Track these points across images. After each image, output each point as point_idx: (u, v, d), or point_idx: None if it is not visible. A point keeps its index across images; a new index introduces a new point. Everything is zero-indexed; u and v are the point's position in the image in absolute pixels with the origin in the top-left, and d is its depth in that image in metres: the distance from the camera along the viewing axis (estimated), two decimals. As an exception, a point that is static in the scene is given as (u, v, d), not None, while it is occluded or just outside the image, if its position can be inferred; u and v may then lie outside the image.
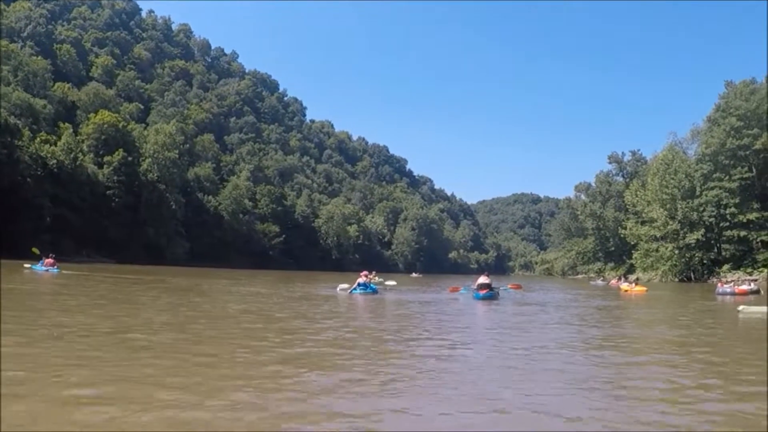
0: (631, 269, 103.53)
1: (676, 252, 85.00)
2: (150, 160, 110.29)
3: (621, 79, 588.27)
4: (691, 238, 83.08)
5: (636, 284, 50.88)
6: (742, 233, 79.60)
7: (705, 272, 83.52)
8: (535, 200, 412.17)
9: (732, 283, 44.88)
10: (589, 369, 10.16)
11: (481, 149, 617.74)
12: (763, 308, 21.43)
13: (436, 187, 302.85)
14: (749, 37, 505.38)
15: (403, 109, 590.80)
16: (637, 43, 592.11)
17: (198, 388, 7.59)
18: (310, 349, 11.76)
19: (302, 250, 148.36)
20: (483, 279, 30.12)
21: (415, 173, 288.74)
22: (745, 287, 41.46)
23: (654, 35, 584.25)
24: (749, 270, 74.54)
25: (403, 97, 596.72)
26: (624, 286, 50.63)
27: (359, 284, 31.66)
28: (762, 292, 40.13)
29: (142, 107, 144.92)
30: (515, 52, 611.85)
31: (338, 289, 34.19)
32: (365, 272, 33.92)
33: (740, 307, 21.50)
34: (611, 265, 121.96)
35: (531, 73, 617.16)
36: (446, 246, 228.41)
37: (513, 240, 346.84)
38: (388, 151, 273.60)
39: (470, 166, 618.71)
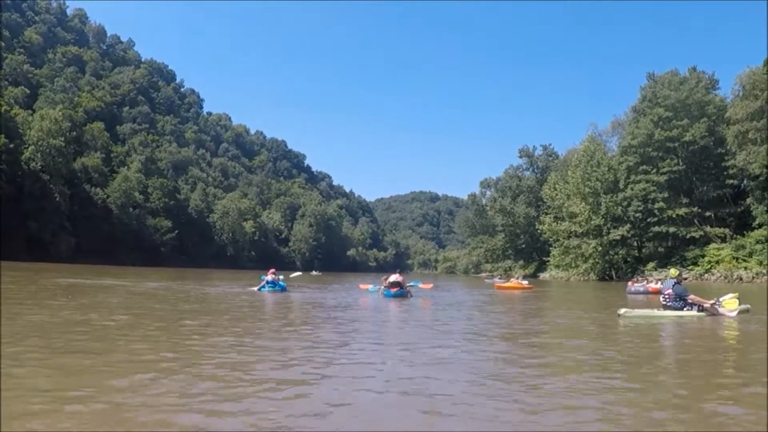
0: (541, 267, 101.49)
1: (599, 249, 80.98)
2: (33, 147, 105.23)
3: (512, 81, 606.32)
4: (616, 234, 79.34)
5: (520, 281, 49.05)
6: (671, 229, 76.61)
7: (629, 270, 78.63)
8: (434, 198, 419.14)
9: (644, 282, 44.32)
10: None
11: (380, 147, 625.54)
12: (645, 311, 19.92)
13: (335, 183, 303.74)
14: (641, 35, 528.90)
15: (303, 104, 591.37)
16: (537, 41, 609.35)
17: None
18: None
19: (196, 246, 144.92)
20: (394, 277, 29.71)
21: (313, 169, 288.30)
22: (657, 285, 39.68)
23: (554, 35, 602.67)
24: (678, 268, 70.68)
25: (302, 93, 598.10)
26: (512, 282, 47.81)
27: (267, 282, 31.21)
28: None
29: (29, 92, 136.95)
30: (413, 50, 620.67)
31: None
32: (273, 270, 33.47)
33: (621, 311, 19.87)
34: (521, 263, 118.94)
35: (427, 73, 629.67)
36: (345, 243, 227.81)
37: (411, 238, 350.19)
38: (286, 146, 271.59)
39: (369, 163, 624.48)
